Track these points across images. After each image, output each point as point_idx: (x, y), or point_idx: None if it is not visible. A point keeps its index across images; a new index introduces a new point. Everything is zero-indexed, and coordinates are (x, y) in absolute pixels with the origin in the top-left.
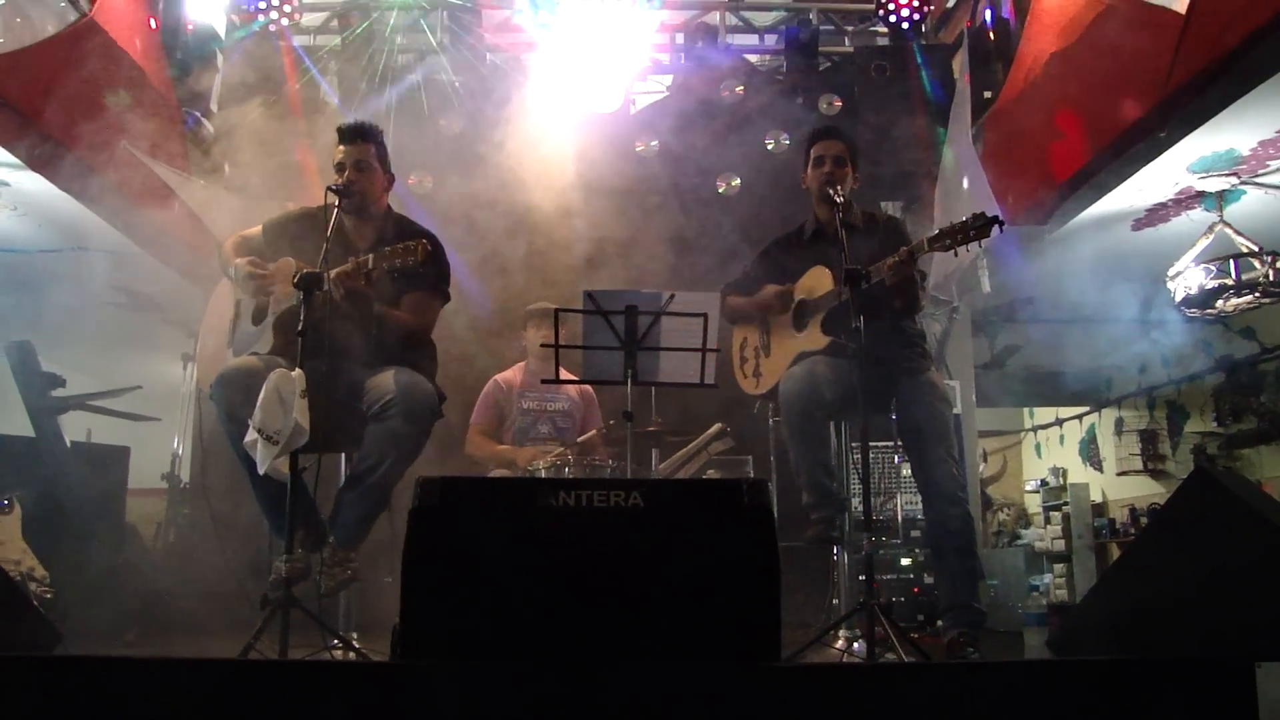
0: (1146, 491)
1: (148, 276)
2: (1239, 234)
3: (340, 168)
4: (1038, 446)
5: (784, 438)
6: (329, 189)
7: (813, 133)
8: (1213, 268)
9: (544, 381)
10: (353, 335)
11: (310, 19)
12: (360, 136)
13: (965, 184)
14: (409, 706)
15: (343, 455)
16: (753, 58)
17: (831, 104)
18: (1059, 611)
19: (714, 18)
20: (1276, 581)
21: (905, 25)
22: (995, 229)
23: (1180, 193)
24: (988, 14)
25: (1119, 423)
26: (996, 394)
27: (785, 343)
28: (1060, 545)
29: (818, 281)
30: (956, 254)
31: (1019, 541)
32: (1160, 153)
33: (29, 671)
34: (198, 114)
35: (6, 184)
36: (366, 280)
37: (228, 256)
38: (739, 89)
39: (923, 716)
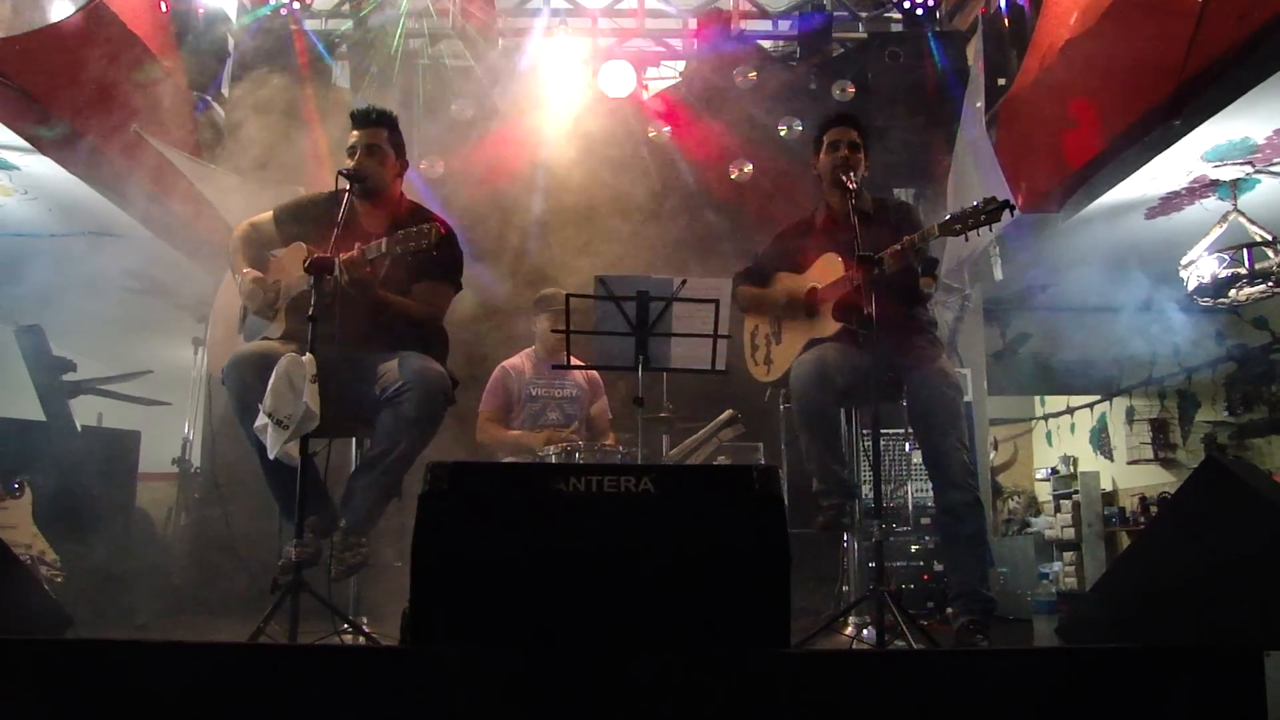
0: (1157, 480)
1: (158, 260)
2: (1253, 223)
3: (352, 151)
4: (1048, 435)
5: (795, 425)
6: (340, 174)
7: (826, 119)
8: (1226, 257)
9: (554, 367)
10: (362, 321)
11: (322, 3)
12: (373, 121)
13: (978, 171)
14: (418, 691)
15: (353, 440)
16: (766, 43)
17: (845, 90)
18: (1068, 599)
19: (727, 3)
20: None
21: (919, 11)
22: (1006, 213)
23: (1194, 181)
24: (1002, 0)
25: (1130, 411)
26: (1007, 382)
27: (796, 330)
28: (1070, 533)
29: (829, 268)
30: (967, 239)
31: (1029, 529)
32: (1175, 141)
33: (40, 655)
34: (208, 98)
35: (16, 168)
36: (372, 267)
37: (235, 257)
38: (752, 74)
39: (932, 703)
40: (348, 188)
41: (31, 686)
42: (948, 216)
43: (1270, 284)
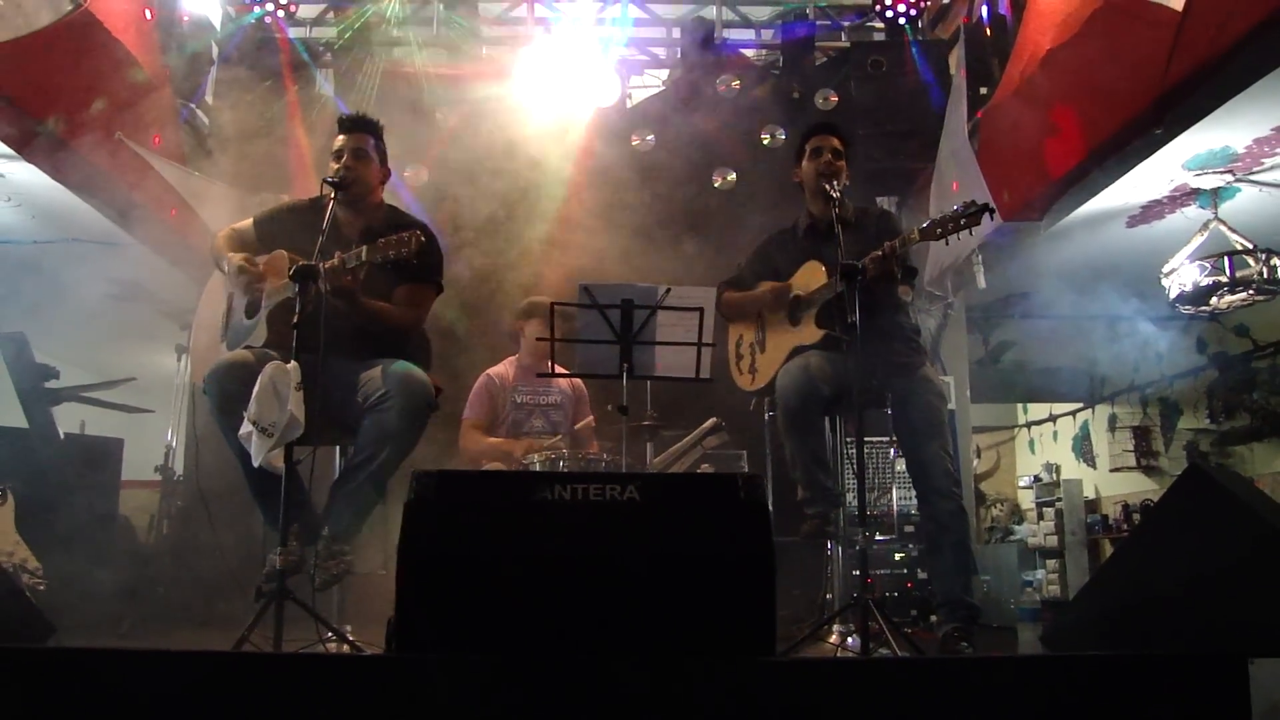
0: (1139, 488)
1: (142, 268)
2: (1233, 231)
3: (338, 155)
4: (1031, 442)
5: (780, 433)
6: (325, 181)
7: (809, 127)
8: (1207, 265)
9: (539, 375)
10: (345, 328)
11: (306, 11)
12: (360, 127)
13: (960, 180)
14: (403, 699)
15: (338, 448)
16: (749, 53)
17: (827, 99)
18: (1051, 607)
19: (711, 12)
20: (1270, 577)
21: (902, 20)
22: (988, 219)
23: (1175, 190)
24: (984, 10)
25: (1112, 419)
26: (990, 390)
27: (780, 338)
28: (1053, 541)
29: (812, 276)
30: (949, 243)
31: (1012, 537)
32: (1156, 150)
33: (22, 664)
34: (193, 105)
35: (0, 175)
36: (352, 276)
37: (219, 250)
38: (735, 84)
39: (917, 711)
40: (332, 195)
41: (13, 695)
42: (928, 222)
43: (1250, 292)
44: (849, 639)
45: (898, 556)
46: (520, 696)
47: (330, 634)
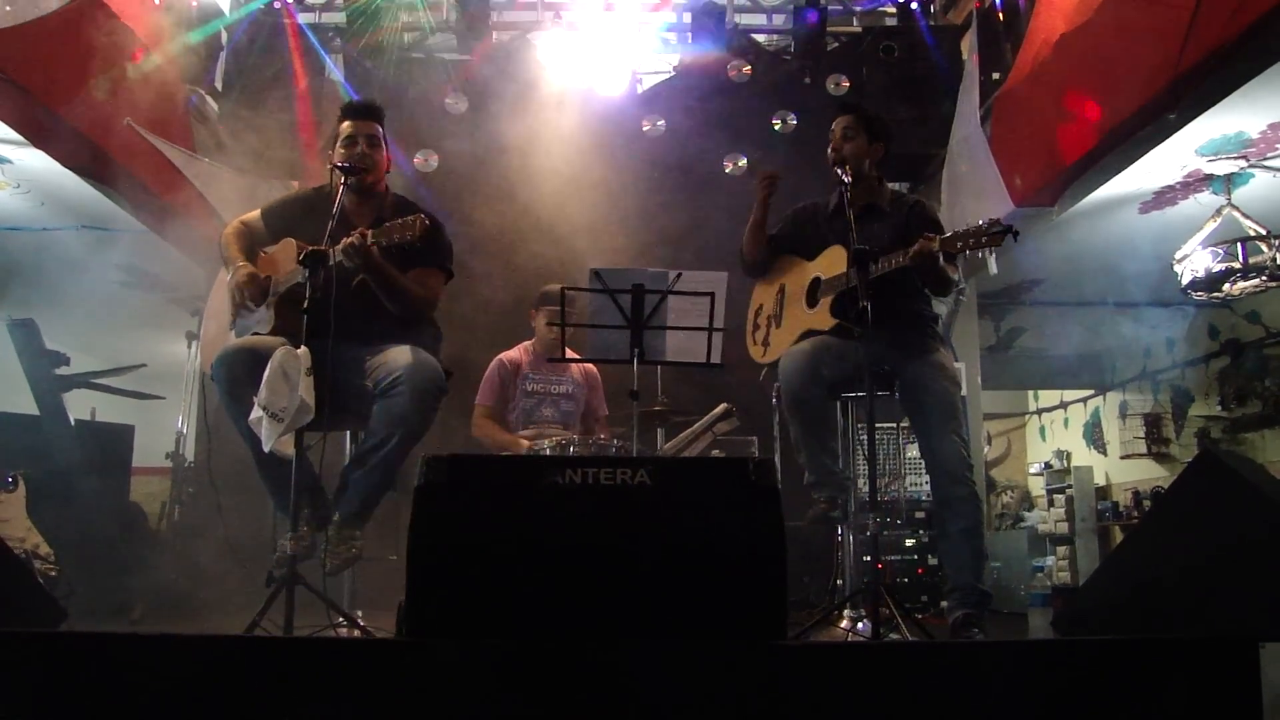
0: (1150, 475)
1: (151, 255)
2: (1247, 217)
3: (351, 142)
4: (1042, 429)
5: (785, 416)
6: (335, 167)
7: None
8: (1220, 251)
9: (551, 360)
10: (355, 313)
11: None
12: (370, 114)
13: (972, 166)
14: (414, 683)
15: (348, 433)
16: (760, 37)
17: (839, 84)
18: (1062, 594)
19: None
20: None
21: (914, 5)
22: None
23: (1188, 175)
24: None
25: (1123, 406)
26: (1001, 376)
27: (795, 316)
28: (1063, 528)
29: (835, 261)
30: (964, 250)
31: (1022, 524)
32: (1169, 135)
33: (34, 648)
34: (201, 91)
35: (9, 161)
36: (376, 250)
37: (228, 247)
38: (746, 69)
39: (928, 695)
40: (343, 180)
41: (25, 680)
42: (950, 234)
43: (1264, 278)
44: (860, 624)
45: (909, 542)
46: (531, 681)
47: (341, 619)
